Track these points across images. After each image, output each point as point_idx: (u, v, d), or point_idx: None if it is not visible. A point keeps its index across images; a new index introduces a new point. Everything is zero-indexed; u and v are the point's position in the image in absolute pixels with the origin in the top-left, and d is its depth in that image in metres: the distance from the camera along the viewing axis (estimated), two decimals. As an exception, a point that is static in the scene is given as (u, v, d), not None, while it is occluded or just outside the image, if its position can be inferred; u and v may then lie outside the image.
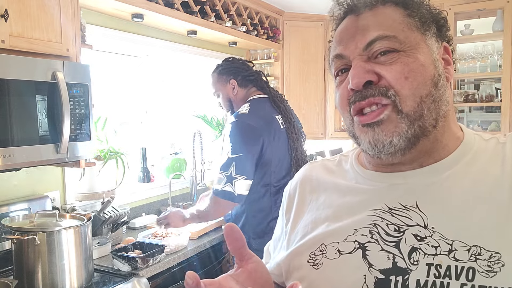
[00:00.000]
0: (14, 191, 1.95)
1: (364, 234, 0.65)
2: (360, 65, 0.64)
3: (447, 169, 0.65)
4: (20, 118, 1.53)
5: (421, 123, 0.63)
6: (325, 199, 0.74)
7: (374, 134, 0.63)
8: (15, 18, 1.55)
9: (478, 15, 3.22)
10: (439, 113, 0.64)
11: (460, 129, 0.71)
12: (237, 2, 3.12)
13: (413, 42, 0.64)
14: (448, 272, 0.58)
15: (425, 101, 0.63)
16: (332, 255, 0.66)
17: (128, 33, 2.54)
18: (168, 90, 3.06)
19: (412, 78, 0.62)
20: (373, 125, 0.64)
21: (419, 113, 0.62)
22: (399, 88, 0.62)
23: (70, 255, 1.58)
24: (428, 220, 0.62)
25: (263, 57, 3.72)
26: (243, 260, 0.56)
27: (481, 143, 0.68)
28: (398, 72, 0.62)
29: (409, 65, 0.63)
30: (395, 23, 0.64)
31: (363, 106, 0.64)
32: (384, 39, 0.63)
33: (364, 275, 0.62)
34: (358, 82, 0.63)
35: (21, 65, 1.52)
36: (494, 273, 0.55)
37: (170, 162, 2.87)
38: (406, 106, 0.62)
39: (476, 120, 3.85)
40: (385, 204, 0.66)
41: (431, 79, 0.63)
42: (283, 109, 2.15)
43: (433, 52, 0.66)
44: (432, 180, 0.65)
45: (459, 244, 0.59)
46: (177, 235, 2.13)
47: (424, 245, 0.60)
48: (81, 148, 1.74)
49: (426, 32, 0.66)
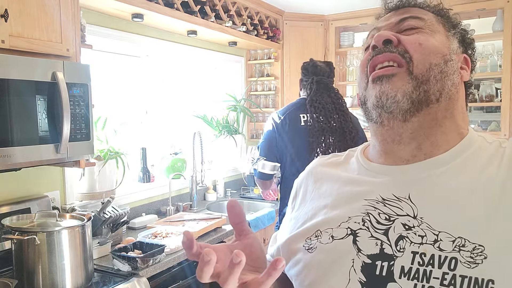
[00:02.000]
0: (14, 191, 1.95)
1: (356, 222, 0.68)
2: (385, 31, 0.72)
3: (445, 164, 0.68)
4: (20, 118, 1.53)
5: (426, 88, 0.67)
6: (326, 189, 0.78)
7: (382, 86, 0.68)
8: (15, 18, 1.56)
9: (478, 15, 3.22)
10: (443, 87, 0.69)
11: (468, 129, 0.73)
12: (237, 2, 3.12)
13: (436, 29, 0.72)
14: (431, 260, 0.60)
15: (433, 68, 0.68)
16: (326, 240, 0.70)
17: (128, 33, 2.54)
18: (168, 90, 3.06)
19: (425, 45, 0.69)
20: (383, 78, 0.69)
21: (426, 77, 0.68)
22: (413, 52, 0.69)
23: (70, 255, 1.58)
24: (417, 210, 0.65)
25: (263, 57, 3.72)
26: (241, 234, 0.60)
27: (484, 144, 0.70)
28: (415, 38, 0.70)
29: (425, 36, 0.71)
30: (428, 14, 0.74)
31: (381, 61, 0.70)
32: (415, 18, 0.73)
33: (353, 259, 0.65)
34: (379, 39, 0.71)
35: (21, 65, 1.53)
36: (475, 264, 0.58)
37: (170, 162, 2.87)
38: (417, 69, 0.68)
39: (476, 120, 3.85)
40: (380, 195, 0.69)
41: (442, 55, 0.70)
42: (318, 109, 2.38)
43: (452, 46, 0.73)
44: (428, 174, 0.68)
45: (445, 235, 0.61)
46: (177, 235, 2.13)
47: (411, 234, 0.63)
48: (81, 148, 1.74)
49: (450, 31, 0.74)
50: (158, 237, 2.09)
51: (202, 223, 2.37)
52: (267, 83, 3.76)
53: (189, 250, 0.53)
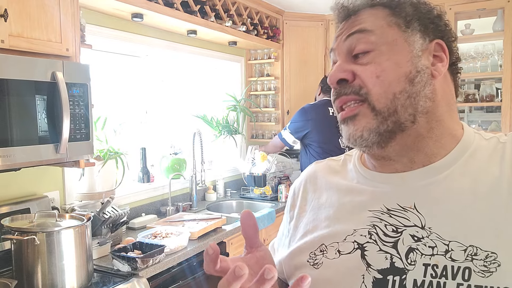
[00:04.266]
0: (14, 191, 1.95)
1: (363, 235, 0.66)
2: (339, 65, 0.69)
3: (445, 169, 0.66)
4: (19, 118, 1.53)
5: (395, 119, 0.65)
6: (326, 199, 0.75)
7: (348, 128, 0.67)
8: (15, 18, 1.55)
9: (478, 15, 3.22)
10: (416, 109, 0.65)
11: (462, 127, 0.70)
12: (237, 1, 3.12)
13: (390, 39, 0.66)
14: (444, 272, 0.59)
15: (398, 97, 0.64)
16: (332, 255, 0.67)
17: (128, 33, 2.53)
18: (168, 90, 3.06)
19: (383, 77, 0.65)
20: (347, 120, 0.67)
21: (393, 109, 0.64)
22: (370, 87, 0.65)
23: (69, 255, 1.57)
24: (425, 220, 0.63)
25: (263, 57, 3.72)
26: (253, 247, 0.60)
27: (481, 142, 0.68)
28: (371, 71, 0.65)
29: (381, 64, 0.65)
30: (377, 21, 0.68)
31: (339, 104, 0.69)
32: (362, 32, 0.67)
33: (363, 275, 0.63)
34: (332, 80, 0.68)
35: (20, 65, 1.52)
36: (490, 273, 0.56)
37: (170, 162, 2.87)
38: (379, 104, 0.65)
39: (477, 120, 3.85)
40: (384, 205, 0.67)
41: (405, 76, 0.65)
42: None
43: (414, 48, 0.66)
44: (430, 181, 0.66)
45: (456, 244, 0.59)
46: (177, 235, 2.13)
47: (421, 246, 0.61)
48: (81, 148, 1.73)
49: (407, 30, 0.67)
50: (158, 237, 2.09)
51: (202, 223, 2.36)
52: (267, 83, 3.76)
53: (212, 264, 0.50)
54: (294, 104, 3.69)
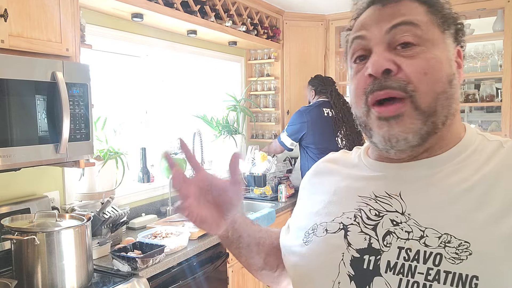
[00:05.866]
0: (14, 191, 1.95)
1: (349, 217, 0.70)
2: (381, 53, 0.65)
3: (441, 165, 0.67)
4: (19, 118, 1.53)
5: (434, 119, 0.64)
6: (326, 185, 0.80)
7: (390, 129, 0.65)
8: (15, 18, 1.55)
9: (478, 15, 3.22)
10: (449, 111, 0.66)
11: (464, 128, 0.72)
12: (237, 1, 3.12)
13: (433, 38, 0.65)
14: (417, 256, 0.61)
15: (439, 97, 0.64)
16: (320, 233, 0.72)
17: (128, 33, 2.53)
18: (168, 90, 3.06)
19: (430, 74, 0.63)
20: (390, 119, 0.64)
21: (434, 109, 0.64)
22: (417, 84, 0.63)
23: (69, 255, 1.57)
24: (406, 207, 0.66)
25: (263, 56, 3.72)
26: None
27: (483, 143, 0.69)
28: (419, 67, 0.63)
29: (429, 61, 0.64)
30: (420, 16, 0.66)
31: (381, 97, 0.65)
32: (409, 24, 0.65)
33: (343, 253, 0.67)
34: (378, 69, 0.64)
35: (20, 65, 1.52)
36: (460, 260, 0.58)
37: (170, 162, 2.86)
38: (423, 102, 0.63)
39: (477, 120, 3.85)
40: (373, 192, 0.71)
41: (447, 77, 0.65)
42: (337, 106, 3.22)
43: (449, 51, 0.67)
44: (423, 174, 0.68)
45: (431, 231, 0.62)
46: (177, 235, 2.13)
47: (398, 230, 0.64)
48: (81, 148, 1.73)
49: (445, 31, 0.67)
50: (158, 237, 2.09)
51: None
52: (267, 83, 3.76)
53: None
54: (294, 104, 3.69)
